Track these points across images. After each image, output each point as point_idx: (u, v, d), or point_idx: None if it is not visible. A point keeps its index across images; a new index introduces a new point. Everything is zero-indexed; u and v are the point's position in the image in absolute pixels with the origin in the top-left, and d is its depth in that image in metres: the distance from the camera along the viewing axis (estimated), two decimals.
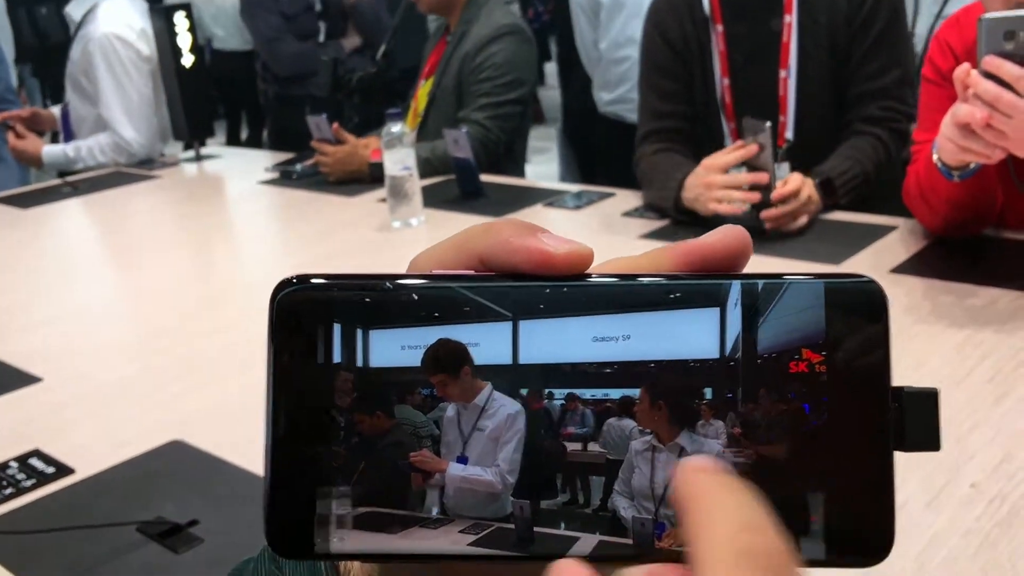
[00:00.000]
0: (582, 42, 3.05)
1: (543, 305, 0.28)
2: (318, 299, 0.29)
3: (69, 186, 2.75)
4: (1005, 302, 1.38)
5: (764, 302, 0.28)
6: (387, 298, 0.29)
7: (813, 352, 0.28)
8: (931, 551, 0.88)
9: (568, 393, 0.28)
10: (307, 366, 0.29)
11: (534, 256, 0.28)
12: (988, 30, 1.24)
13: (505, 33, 2.52)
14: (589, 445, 0.28)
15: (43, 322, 1.74)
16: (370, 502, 0.29)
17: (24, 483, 1.14)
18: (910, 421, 0.28)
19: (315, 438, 0.29)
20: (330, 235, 2.15)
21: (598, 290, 0.29)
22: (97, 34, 2.87)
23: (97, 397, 1.38)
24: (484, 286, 0.29)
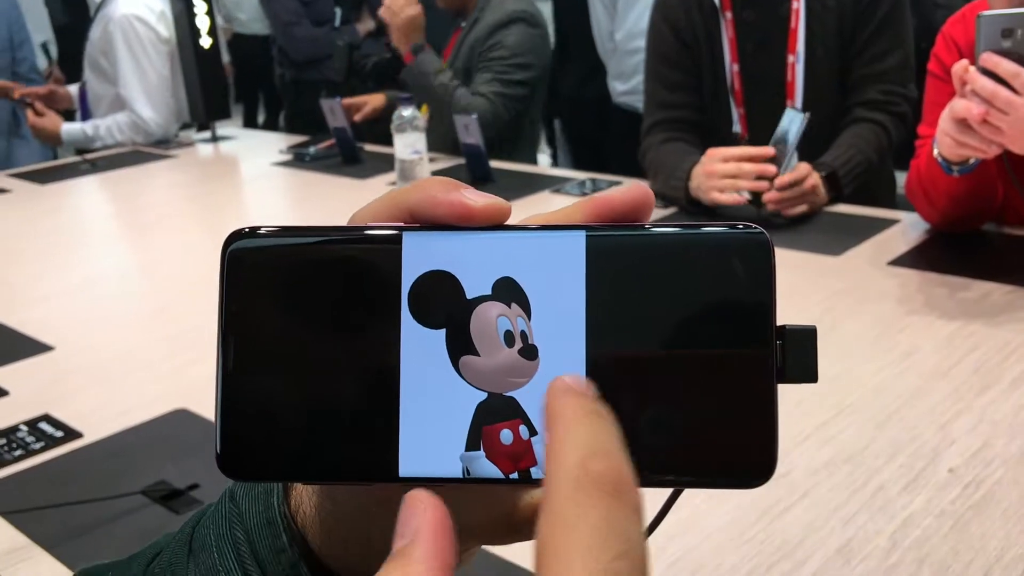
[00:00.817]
0: (598, 32, 3.06)
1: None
2: (265, 247, 0.32)
3: (87, 163, 2.80)
4: (998, 296, 1.40)
5: (657, 248, 0.30)
6: (324, 247, 0.32)
7: (702, 292, 0.30)
8: (905, 530, 0.91)
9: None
10: (255, 307, 0.32)
11: (456, 209, 0.31)
12: (986, 27, 1.26)
13: (516, 19, 2.55)
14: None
15: (57, 293, 1.78)
16: (316, 430, 0.31)
17: (33, 445, 1.18)
18: (791, 356, 0.30)
19: (262, 372, 0.31)
20: (340, 216, 2.14)
21: (513, 234, 0.31)
22: (117, 15, 2.91)
23: (106, 366, 1.42)
24: (413, 234, 0.31)
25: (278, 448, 0.31)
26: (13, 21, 3.31)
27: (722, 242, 0.30)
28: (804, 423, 1.10)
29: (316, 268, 0.31)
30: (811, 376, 0.30)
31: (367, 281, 0.31)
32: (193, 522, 0.39)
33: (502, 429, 0.31)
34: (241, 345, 0.32)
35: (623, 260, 0.30)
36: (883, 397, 1.15)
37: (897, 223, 1.75)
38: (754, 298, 0.30)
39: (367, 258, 0.31)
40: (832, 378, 1.20)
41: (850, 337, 1.32)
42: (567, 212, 0.32)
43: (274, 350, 0.31)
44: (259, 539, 0.36)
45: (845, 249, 1.64)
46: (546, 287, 0.30)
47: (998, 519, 0.91)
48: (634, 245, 0.30)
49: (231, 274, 0.32)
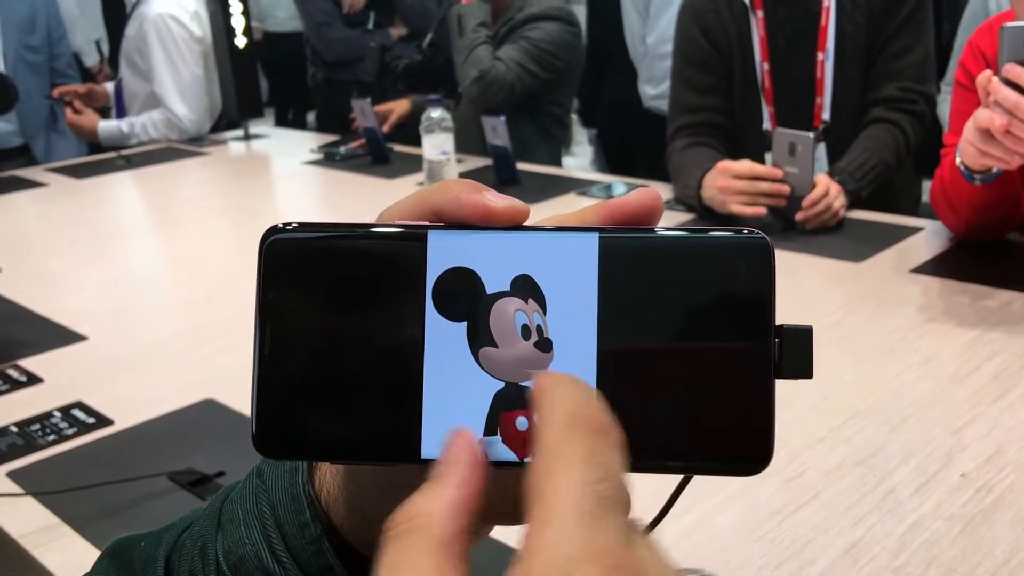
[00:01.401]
0: (631, 36, 3.07)
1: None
2: (300, 241, 0.34)
3: (123, 159, 2.86)
4: (1019, 304, 1.41)
5: (665, 250, 0.33)
6: (355, 242, 0.34)
7: (706, 291, 0.33)
8: (914, 532, 0.92)
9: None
10: (289, 297, 0.34)
11: (479, 209, 0.33)
12: (1010, 38, 1.27)
13: (554, 16, 2.57)
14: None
15: (91, 285, 1.83)
16: (345, 413, 0.34)
17: (66, 431, 1.22)
18: (788, 353, 0.32)
19: (294, 357, 0.34)
20: (368, 215, 2.18)
21: (531, 234, 0.34)
22: (152, 14, 2.97)
23: (138, 356, 1.46)
24: (438, 233, 0.34)
25: (309, 429, 0.34)
26: (51, 17, 3.37)
27: (726, 245, 0.33)
28: (819, 425, 1.11)
29: (347, 261, 0.34)
30: (806, 372, 0.33)
31: (394, 275, 0.34)
32: (222, 497, 0.42)
33: (518, 416, 0.33)
34: (276, 332, 0.34)
35: (633, 261, 0.33)
36: (899, 401, 1.16)
37: (920, 231, 1.75)
38: (755, 298, 0.32)
39: (395, 254, 0.34)
40: (849, 382, 1.21)
41: (870, 342, 1.33)
42: (581, 214, 0.35)
43: (306, 337, 0.34)
44: (284, 514, 0.39)
45: (868, 256, 1.65)
46: (561, 284, 0.33)
47: (1007, 523, 0.92)
48: (644, 247, 0.33)
49: (268, 265, 0.34)
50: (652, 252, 0.33)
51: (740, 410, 0.32)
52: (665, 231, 0.33)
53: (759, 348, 0.32)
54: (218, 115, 3.21)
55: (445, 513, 0.27)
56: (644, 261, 0.33)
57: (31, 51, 3.26)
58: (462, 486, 0.28)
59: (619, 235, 0.33)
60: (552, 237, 0.33)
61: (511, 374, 0.33)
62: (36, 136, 3.28)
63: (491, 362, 0.33)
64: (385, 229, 0.34)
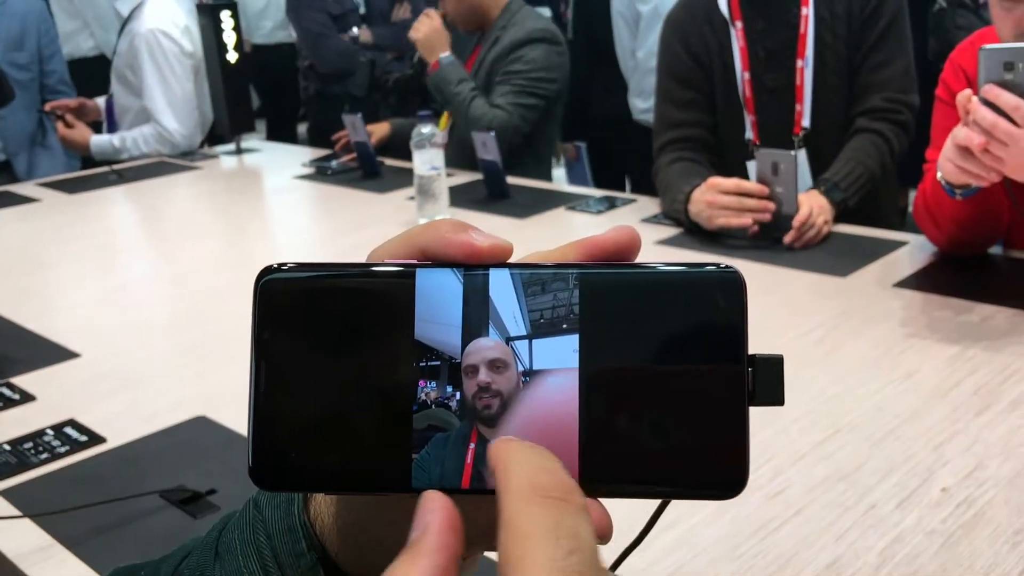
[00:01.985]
0: (621, 50, 3.10)
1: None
2: (293, 281, 0.36)
3: (114, 174, 2.87)
4: (1000, 319, 1.43)
5: (642, 284, 0.35)
6: (346, 281, 0.36)
7: (682, 324, 0.34)
8: (895, 547, 0.94)
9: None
10: (284, 335, 0.36)
11: (464, 248, 0.35)
12: (987, 60, 1.29)
13: (538, 39, 2.59)
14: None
15: (84, 302, 1.84)
16: (338, 446, 0.35)
17: (58, 449, 1.23)
18: (760, 381, 0.34)
19: (289, 393, 0.35)
20: (359, 229, 2.23)
21: (516, 272, 0.35)
22: (143, 29, 2.98)
23: (130, 373, 1.47)
24: (425, 272, 0.35)
25: (304, 461, 0.35)
26: (43, 35, 3.39)
27: (700, 280, 0.34)
28: (802, 441, 1.13)
29: (339, 300, 0.35)
30: (778, 399, 0.34)
31: (384, 312, 0.35)
32: (219, 527, 0.43)
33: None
34: (271, 368, 0.36)
35: (612, 295, 0.34)
36: (881, 416, 1.18)
37: (904, 245, 1.78)
38: (729, 329, 0.34)
39: (384, 291, 0.35)
40: (832, 397, 1.23)
41: (852, 357, 1.35)
42: (562, 251, 0.37)
43: (300, 373, 0.35)
44: (281, 544, 0.40)
45: (852, 270, 1.67)
46: (542, 319, 0.35)
47: (987, 538, 0.94)
48: (622, 282, 0.35)
49: (262, 305, 0.36)
50: (630, 287, 0.35)
51: (716, 437, 0.34)
52: (642, 267, 0.35)
53: (733, 377, 0.34)
54: (209, 129, 3.23)
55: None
56: (622, 296, 0.34)
57: (18, 68, 3.27)
58: (437, 552, 0.28)
59: (597, 271, 0.35)
60: (533, 274, 0.35)
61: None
62: (18, 153, 3.29)
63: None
64: (374, 268, 0.36)
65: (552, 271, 0.35)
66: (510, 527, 0.27)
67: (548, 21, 2.77)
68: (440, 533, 0.29)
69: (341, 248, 2.10)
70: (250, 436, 0.35)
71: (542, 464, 0.29)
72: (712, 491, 0.34)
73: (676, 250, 1.86)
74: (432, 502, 0.30)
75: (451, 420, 0.35)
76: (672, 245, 1.89)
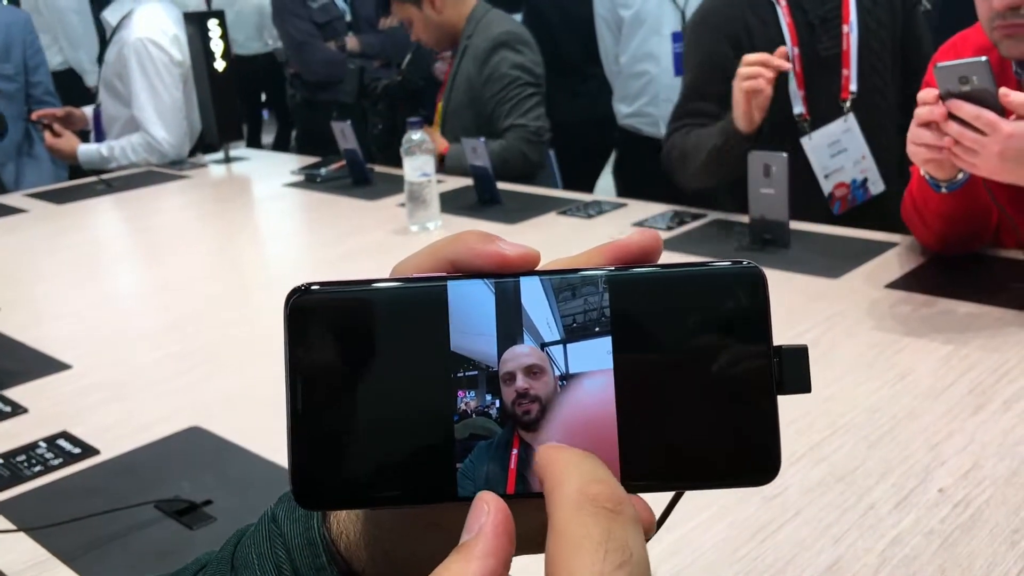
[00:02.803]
0: (605, 54, 3.11)
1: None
2: (323, 300, 0.36)
3: (103, 183, 2.86)
4: (993, 318, 1.43)
5: (668, 286, 0.36)
6: (377, 297, 0.36)
7: (709, 320, 0.35)
8: (894, 548, 0.94)
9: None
10: (318, 353, 0.36)
11: (494, 258, 0.35)
12: (943, 76, 1.36)
13: (500, 44, 2.59)
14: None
15: (74, 312, 1.83)
16: (381, 460, 0.35)
17: (52, 462, 1.22)
18: (787, 371, 0.35)
19: (327, 411, 0.35)
20: (350, 237, 2.22)
21: (544, 278, 0.36)
22: (132, 38, 2.98)
23: (122, 384, 1.46)
24: (456, 283, 0.36)
25: (346, 478, 0.35)
26: (28, 45, 3.38)
27: (724, 276, 0.35)
28: (798, 443, 1.13)
29: (371, 316, 0.36)
30: (805, 387, 0.36)
31: (418, 326, 0.35)
32: (234, 541, 0.42)
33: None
34: (307, 388, 0.35)
35: (641, 296, 0.35)
36: (877, 417, 1.18)
37: (895, 246, 1.78)
38: (754, 322, 0.35)
39: (417, 305, 0.36)
40: (827, 398, 1.23)
41: (846, 358, 1.35)
42: (588, 256, 0.37)
43: (336, 391, 0.35)
44: (300, 557, 0.40)
45: (844, 272, 1.68)
46: (575, 323, 0.35)
47: (985, 538, 0.94)
48: (650, 282, 0.36)
49: (293, 325, 0.36)
50: (658, 287, 0.36)
51: (748, 426, 0.35)
52: (667, 267, 0.36)
53: (761, 368, 0.35)
54: (198, 138, 3.22)
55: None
56: (651, 296, 0.35)
57: (4, 79, 3.26)
58: (489, 557, 0.28)
59: (626, 273, 0.36)
60: (564, 279, 0.36)
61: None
62: (6, 164, 3.28)
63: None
64: (405, 283, 0.36)
65: (581, 276, 0.36)
66: (560, 536, 0.27)
67: (512, 23, 2.72)
68: (494, 536, 0.29)
69: (333, 255, 2.10)
70: (290, 457, 0.36)
71: (593, 473, 0.29)
72: (747, 478, 0.35)
73: (667, 254, 1.86)
74: (486, 503, 0.30)
75: (492, 428, 0.35)
76: (663, 249, 1.89)
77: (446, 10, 2.65)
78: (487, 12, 2.67)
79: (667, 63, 2.86)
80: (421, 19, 2.69)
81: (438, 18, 2.66)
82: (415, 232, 2.14)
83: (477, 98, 2.62)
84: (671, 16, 2.84)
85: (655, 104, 2.91)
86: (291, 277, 2.03)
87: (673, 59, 2.85)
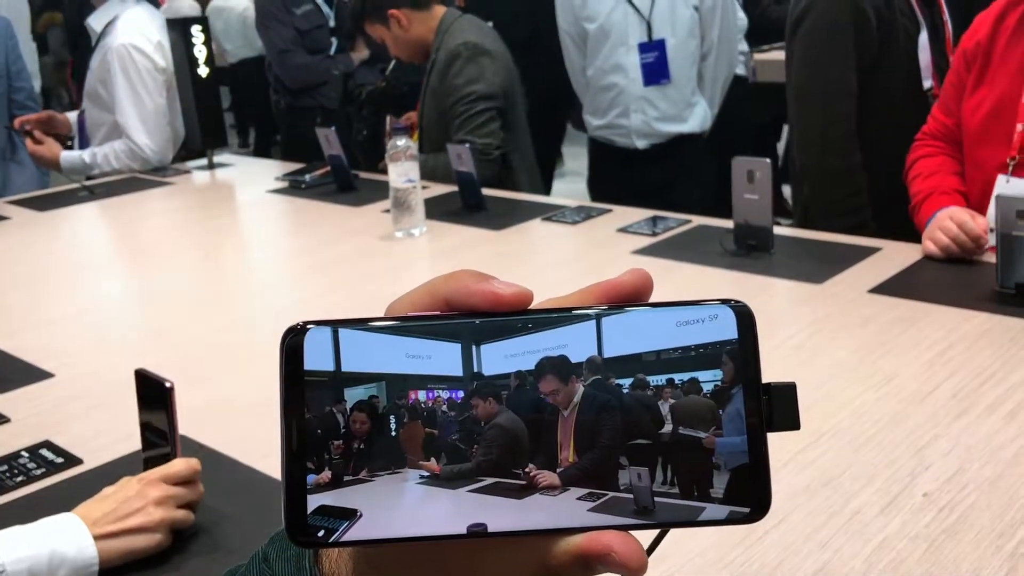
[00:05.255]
0: (571, 67, 3.03)
1: (495, 330, 0.36)
2: (318, 340, 0.36)
3: (85, 190, 2.84)
4: (976, 323, 1.44)
5: (658, 324, 0.36)
6: (372, 338, 0.36)
7: (699, 357, 0.36)
8: (880, 553, 0.94)
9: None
10: (311, 393, 0.36)
11: (488, 298, 0.36)
12: (1003, 208, 1.45)
13: (456, 55, 2.59)
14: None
15: (56, 320, 1.81)
16: (371, 499, 0.35)
17: (34, 472, 1.21)
18: (777, 409, 0.36)
19: (322, 449, 0.36)
20: (334, 243, 2.22)
21: (537, 317, 0.36)
22: (115, 44, 2.96)
23: (105, 392, 1.45)
24: (450, 323, 0.36)
25: (340, 516, 0.35)
26: (10, 51, 3.36)
27: (713, 315, 0.36)
28: (783, 449, 1.13)
29: (368, 355, 0.36)
30: (794, 425, 0.36)
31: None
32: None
33: None
34: (301, 426, 0.36)
35: (631, 335, 0.36)
36: (862, 422, 1.18)
37: (878, 251, 1.79)
38: (743, 360, 0.36)
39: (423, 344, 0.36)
40: (811, 404, 1.23)
41: (831, 363, 1.35)
42: (580, 296, 0.38)
43: (332, 430, 0.36)
44: None
45: (827, 277, 1.68)
46: (564, 359, 0.36)
47: (970, 542, 0.95)
48: (639, 322, 0.36)
49: (289, 364, 0.36)
50: (648, 326, 0.36)
51: (739, 465, 0.35)
52: (659, 305, 0.36)
53: (751, 406, 0.35)
54: (181, 144, 3.20)
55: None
56: (641, 334, 0.36)
57: None
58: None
59: (617, 313, 0.36)
60: (556, 317, 0.36)
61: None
62: None
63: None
64: (402, 323, 0.36)
65: (572, 314, 0.36)
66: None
67: (477, 31, 2.68)
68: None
69: (317, 262, 2.09)
70: (284, 494, 0.36)
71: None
72: (739, 516, 0.35)
73: (651, 259, 1.87)
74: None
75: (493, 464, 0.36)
76: (648, 255, 1.90)
77: (413, 27, 2.68)
78: (454, 21, 2.68)
79: (635, 74, 2.85)
80: (391, 37, 2.72)
81: (406, 35, 2.69)
82: (400, 238, 2.14)
83: (443, 110, 2.64)
84: (636, 27, 2.83)
85: (626, 116, 2.89)
86: (276, 284, 2.03)
87: (642, 70, 2.84)
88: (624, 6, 2.82)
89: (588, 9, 2.87)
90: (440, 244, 2.12)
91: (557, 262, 2.03)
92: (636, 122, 2.89)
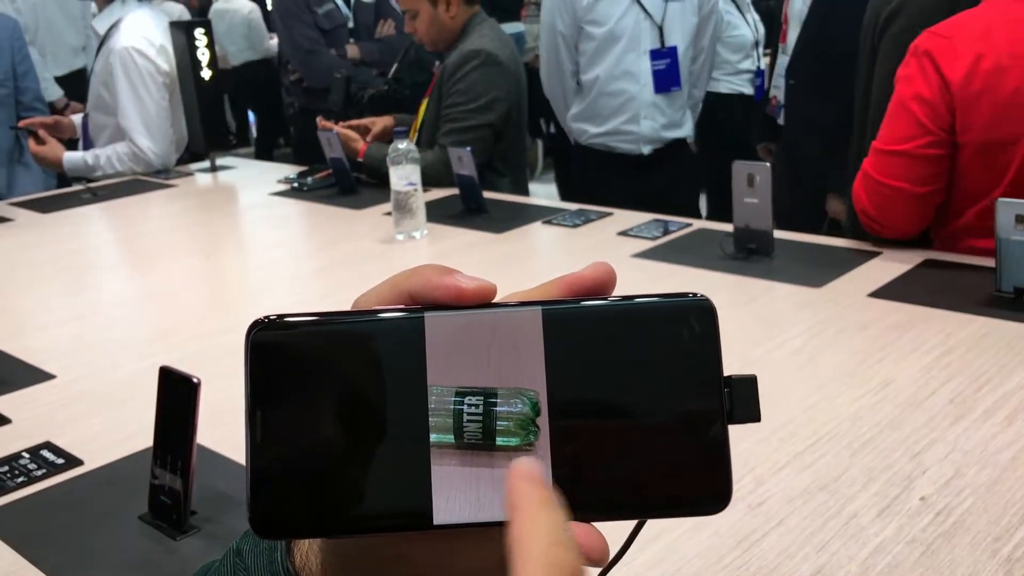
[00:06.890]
0: (555, 70, 2.96)
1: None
2: (286, 332, 0.36)
3: (88, 192, 2.85)
4: (974, 328, 1.44)
5: (618, 318, 0.36)
6: (341, 330, 0.36)
7: (659, 351, 0.36)
8: (876, 557, 0.94)
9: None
10: (279, 386, 0.36)
11: (451, 291, 0.36)
12: (1003, 213, 1.45)
13: (468, 59, 2.58)
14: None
15: (58, 322, 1.82)
16: (336, 491, 0.35)
17: (35, 473, 1.21)
18: (737, 401, 0.36)
19: (289, 441, 0.36)
20: (336, 245, 2.22)
21: (498, 312, 0.36)
22: (118, 47, 2.97)
23: (106, 394, 1.46)
24: (412, 317, 0.36)
25: (306, 508, 0.35)
26: (16, 51, 3.37)
27: (674, 309, 0.36)
28: (781, 452, 1.13)
29: (334, 348, 0.36)
30: (755, 416, 0.36)
31: (384, 355, 0.36)
32: (200, 575, 0.43)
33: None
34: (267, 419, 0.36)
35: (583, 328, 0.36)
36: (859, 426, 1.19)
37: (878, 255, 1.80)
38: (704, 354, 0.36)
39: (382, 335, 0.36)
40: (810, 407, 1.24)
41: (829, 367, 1.36)
42: (543, 290, 0.38)
43: (299, 422, 0.36)
44: None
45: (827, 281, 1.69)
46: (513, 355, 0.36)
47: (967, 547, 0.95)
48: (593, 315, 0.36)
49: (255, 357, 0.36)
50: (607, 319, 0.36)
51: (700, 456, 0.35)
52: (619, 300, 0.36)
53: (712, 399, 0.35)
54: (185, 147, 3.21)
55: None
56: (596, 328, 0.36)
57: None
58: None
59: (566, 306, 0.36)
60: (506, 312, 0.36)
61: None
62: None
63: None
64: (371, 316, 0.36)
65: (522, 308, 0.36)
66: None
67: (493, 39, 2.67)
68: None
69: (318, 264, 2.10)
70: (248, 486, 0.36)
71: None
72: (699, 508, 0.36)
73: (652, 263, 1.88)
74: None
75: (465, 456, 0.35)
76: (648, 258, 1.90)
77: (456, 14, 2.64)
78: (480, 24, 2.67)
79: (647, 80, 2.83)
80: (430, 16, 2.65)
81: (447, 20, 2.65)
82: (401, 241, 2.14)
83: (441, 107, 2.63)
84: (648, 33, 2.81)
85: (635, 122, 2.86)
86: (277, 286, 2.03)
87: (653, 76, 2.83)
88: (636, 11, 2.79)
89: (596, 12, 2.81)
90: (441, 247, 2.13)
91: (558, 265, 2.03)
92: (646, 129, 2.86)
